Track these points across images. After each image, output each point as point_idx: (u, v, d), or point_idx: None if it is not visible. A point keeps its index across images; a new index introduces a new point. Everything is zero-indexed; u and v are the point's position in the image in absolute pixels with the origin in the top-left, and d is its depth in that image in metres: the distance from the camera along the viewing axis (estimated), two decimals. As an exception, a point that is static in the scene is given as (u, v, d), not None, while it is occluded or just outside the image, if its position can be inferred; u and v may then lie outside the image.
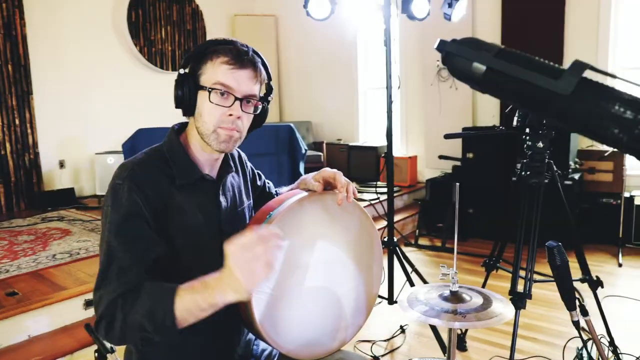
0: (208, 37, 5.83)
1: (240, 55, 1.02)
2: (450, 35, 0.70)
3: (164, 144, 1.09)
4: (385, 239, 2.68)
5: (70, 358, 2.08)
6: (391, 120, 2.39)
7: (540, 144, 1.79)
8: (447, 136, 1.91)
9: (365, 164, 5.28)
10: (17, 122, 4.35)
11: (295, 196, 1.14)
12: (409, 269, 2.61)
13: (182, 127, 1.13)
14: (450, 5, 2.59)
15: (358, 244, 1.25)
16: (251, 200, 1.25)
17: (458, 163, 4.44)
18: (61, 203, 4.47)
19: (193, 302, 0.86)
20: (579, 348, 2.06)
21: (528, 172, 1.86)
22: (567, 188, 3.64)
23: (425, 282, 2.74)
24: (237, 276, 0.81)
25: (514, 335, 1.79)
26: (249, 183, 1.26)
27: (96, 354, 1.53)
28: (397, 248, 2.65)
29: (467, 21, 4.66)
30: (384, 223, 3.40)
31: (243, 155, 1.28)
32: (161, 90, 5.40)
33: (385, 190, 2.70)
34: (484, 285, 2.39)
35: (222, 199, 1.13)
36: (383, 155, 2.63)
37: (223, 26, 6.12)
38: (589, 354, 2.02)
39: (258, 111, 1.09)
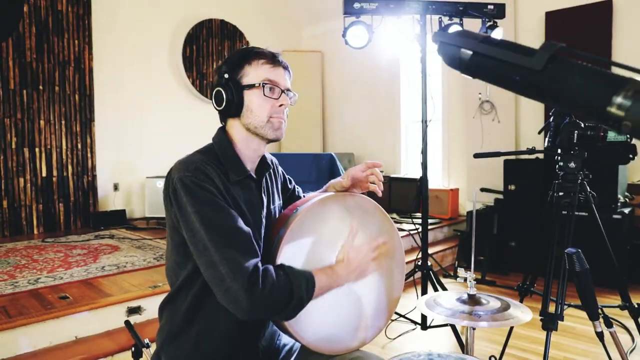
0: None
1: (275, 57, 1.18)
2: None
3: (213, 144, 1.19)
4: (420, 263, 2.69)
5: (110, 359, 2.19)
6: (426, 141, 2.44)
7: (572, 164, 1.80)
8: (477, 155, 1.95)
9: (406, 196, 5.28)
10: (79, 146, 4.71)
11: (320, 195, 1.24)
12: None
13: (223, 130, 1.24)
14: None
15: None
16: (281, 201, 1.34)
17: (500, 196, 4.38)
18: (113, 223, 4.74)
19: (326, 283, 1.12)
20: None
21: (560, 193, 1.85)
22: (616, 222, 3.51)
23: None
24: (357, 271, 1.19)
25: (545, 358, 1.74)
26: (279, 185, 1.36)
27: (133, 349, 1.63)
28: (430, 272, 2.65)
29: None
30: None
31: (275, 160, 1.38)
32: (210, 120, 5.69)
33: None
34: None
35: (263, 195, 1.23)
36: (418, 181, 2.66)
37: (271, 61, 6.41)
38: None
39: (293, 102, 1.23)
